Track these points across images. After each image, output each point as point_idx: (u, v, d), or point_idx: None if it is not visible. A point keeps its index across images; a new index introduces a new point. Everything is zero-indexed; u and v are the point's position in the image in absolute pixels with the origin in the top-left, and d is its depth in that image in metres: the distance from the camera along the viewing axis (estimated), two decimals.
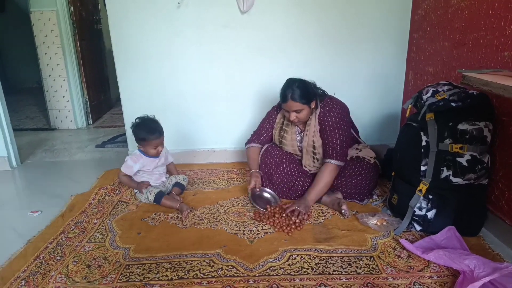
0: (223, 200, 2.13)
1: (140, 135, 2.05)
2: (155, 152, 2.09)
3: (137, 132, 2.06)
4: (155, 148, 2.07)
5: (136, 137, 2.08)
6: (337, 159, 1.94)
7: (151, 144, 2.05)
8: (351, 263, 1.53)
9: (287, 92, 1.91)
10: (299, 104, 1.91)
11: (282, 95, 1.94)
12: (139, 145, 2.10)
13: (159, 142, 2.08)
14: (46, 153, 3.12)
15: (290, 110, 1.94)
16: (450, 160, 1.62)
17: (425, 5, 2.31)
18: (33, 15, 3.58)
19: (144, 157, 2.11)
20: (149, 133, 2.03)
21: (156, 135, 2.05)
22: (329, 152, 1.95)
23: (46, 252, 1.66)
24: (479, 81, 1.23)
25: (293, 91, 1.89)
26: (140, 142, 2.08)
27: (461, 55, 1.96)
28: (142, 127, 2.05)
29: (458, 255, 1.46)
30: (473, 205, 1.69)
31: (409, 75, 2.58)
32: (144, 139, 2.04)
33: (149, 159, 2.12)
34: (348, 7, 2.46)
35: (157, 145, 2.07)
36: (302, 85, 1.92)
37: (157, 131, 2.05)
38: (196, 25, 2.47)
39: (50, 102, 3.83)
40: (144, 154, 2.12)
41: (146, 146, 2.07)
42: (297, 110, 1.93)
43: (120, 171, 2.11)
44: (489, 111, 1.65)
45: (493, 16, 1.70)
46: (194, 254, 1.61)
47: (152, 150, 2.07)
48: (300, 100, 1.90)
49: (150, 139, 2.04)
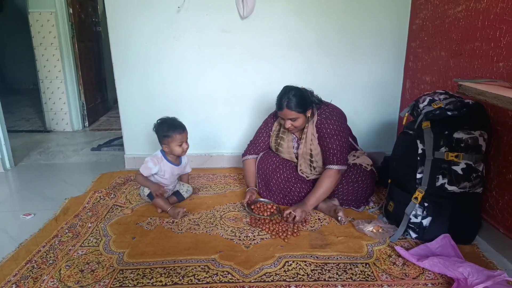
0: (220, 205, 2.12)
1: (164, 132, 2.00)
2: (180, 151, 2.02)
3: (160, 130, 2.02)
4: (180, 145, 2.01)
5: (160, 135, 2.03)
6: (338, 163, 1.94)
7: (175, 140, 1.99)
8: (346, 270, 1.53)
9: (283, 100, 1.91)
10: (294, 113, 1.91)
11: (278, 103, 1.95)
12: (163, 144, 2.03)
13: (183, 138, 2.02)
14: (41, 155, 3.10)
15: (286, 118, 1.95)
16: (446, 168, 1.63)
17: (423, 15, 2.34)
18: (31, 16, 3.57)
19: (164, 161, 2.06)
20: (173, 128, 1.99)
21: (180, 130, 2.00)
22: (329, 158, 1.96)
23: (39, 256, 1.64)
24: (474, 90, 1.24)
25: (289, 100, 1.90)
26: (164, 140, 2.01)
27: (458, 65, 1.98)
28: (165, 124, 2.02)
29: (452, 262, 1.46)
30: (467, 214, 1.70)
31: (407, 83, 2.61)
32: (168, 136, 1.99)
33: (168, 165, 2.07)
34: (347, 14, 2.48)
35: (181, 141, 2.01)
36: (298, 93, 1.92)
37: (180, 126, 2.02)
38: (196, 29, 2.48)
39: (46, 104, 3.81)
40: (165, 157, 2.06)
41: (170, 144, 2.00)
42: (293, 118, 1.93)
43: (138, 170, 2.04)
44: (484, 120, 1.66)
45: (489, 27, 1.72)
46: (189, 260, 1.60)
47: (177, 147, 2.01)
48: (295, 108, 1.90)
49: (174, 133, 1.98)
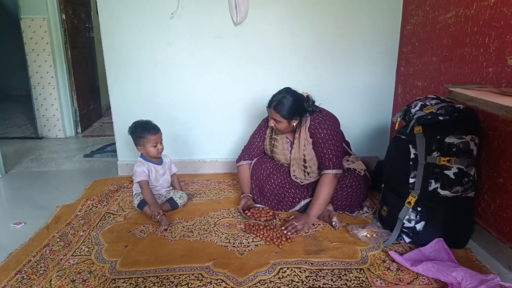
0: (214, 211, 2.11)
1: (137, 134, 2.06)
2: (156, 152, 2.07)
3: (134, 132, 2.08)
4: (155, 145, 2.07)
5: (135, 138, 2.08)
6: (335, 168, 1.94)
7: (150, 141, 2.05)
8: (341, 276, 1.53)
9: (274, 99, 1.95)
10: (278, 116, 1.94)
11: (270, 100, 1.99)
12: (139, 146, 2.08)
13: (158, 139, 2.08)
14: (33, 163, 3.06)
15: (270, 117, 1.99)
16: (438, 173, 1.64)
17: (414, 21, 2.36)
18: (24, 22, 3.55)
19: (146, 163, 2.10)
20: (146, 130, 2.05)
21: (153, 131, 2.06)
22: (325, 163, 1.96)
23: (29, 266, 1.61)
24: (465, 96, 1.25)
25: (279, 102, 1.92)
26: (139, 142, 2.06)
27: (449, 70, 2.00)
28: (138, 126, 2.08)
29: (446, 267, 1.47)
30: (460, 218, 1.71)
31: (399, 88, 2.63)
32: (143, 137, 2.04)
33: (151, 165, 2.11)
34: (340, 20, 2.51)
35: (156, 142, 2.07)
36: (292, 100, 1.92)
37: (153, 128, 2.08)
38: (189, 35, 2.48)
39: (39, 110, 3.78)
40: (146, 159, 2.11)
41: (146, 145, 2.05)
42: (276, 120, 1.96)
43: (136, 184, 2.08)
44: (475, 125, 1.68)
45: (478, 33, 1.74)
46: (183, 268, 1.59)
47: (152, 148, 2.06)
48: (280, 112, 1.93)
49: (148, 134, 2.04)
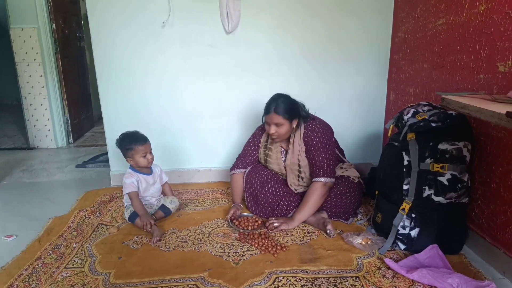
0: (208, 221, 2.10)
1: (125, 145, 2.05)
2: (146, 162, 2.06)
3: (122, 144, 2.06)
4: (144, 156, 2.05)
5: (123, 150, 2.07)
6: (325, 176, 1.95)
7: (138, 152, 2.03)
8: (336, 284, 1.52)
9: (272, 104, 1.95)
10: (281, 118, 1.93)
11: (266, 107, 1.98)
12: (128, 158, 2.07)
13: (147, 149, 2.06)
14: (24, 174, 3.02)
15: (271, 123, 1.96)
16: (432, 179, 1.65)
17: (405, 28, 2.39)
18: (13, 31, 3.52)
19: (136, 174, 2.08)
20: (133, 141, 2.04)
21: (141, 142, 2.05)
22: (316, 171, 1.97)
23: (21, 279, 1.57)
24: (457, 104, 1.27)
25: (278, 105, 1.93)
26: (128, 154, 2.05)
27: (440, 77, 2.02)
28: (126, 138, 2.07)
29: (441, 274, 1.47)
30: (454, 224, 1.71)
31: (391, 95, 2.65)
32: (131, 148, 2.03)
33: (141, 176, 2.10)
34: (331, 28, 2.53)
35: (145, 153, 2.05)
36: (288, 101, 1.96)
37: (141, 138, 2.06)
38: (181, 44, 2.48)
39: (29, 120, 3.74)
40: (135, 170, 2.09)
41: (134, 156, 2.04)
42: (278, 123, 1.95)
43: (126, 196, 2.06)
44: (468, 131, 1.69)
45: (469, 40, 1.77)
46: (177, 279, 1.57)
47: (142, 159, 2.05)
48: (282, 114, 1.92)
49: (136, 145, 2.03)
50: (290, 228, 1.94)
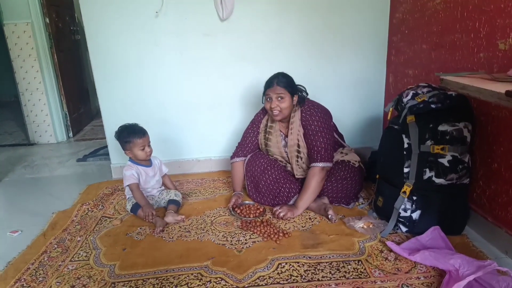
0: (210, 210, 2.11)
1: (124, 138, 2.04)
2: (144, 154, 2.06)
3: (120, 137, 2.06)
4: (143, 149, 2.05)
5: (122, 143, 2.06)
6: (322, 161, 1.95)
7: (137, 145, 2.03)
8: (339, 268, 1.53)
9: (274, 79, 1.99)
10: (283, 90, 1.96)
11: (268, 82, 2.01)
12: (127, 151, 2.07)
13: (145, 142, 2.06)
14: (26, 169, 3.03)
15: (274, 94, 1.97)
16: (432, 161, 1.64)
17: (403, 9, 2.35)
18: (7, 27, 3.48)
19: (135, 166, 2.09)
20: (132, 133, 2.03)
21: (139, 135, 2.04)
22: (313, 156, 1.97)
23: (28, 273, 1.60)
24: (456, 84, 1.25)
25: (279, 79, 1.98)
26: (126, 147, 2.05)
27: (439, 57, 2.00)
28: (124, 131, 2.06)
29: (443, 255, 1.47)
30: (456, 205, 1.71)
31: (390, 78, 2.62)
32: (129, 141, 2.03)
33: (141, 168, 2.10)
34: (328, 12, 2.48)
35: (143, 145, 2.05)
36: (289, 77, 2.03)
37: (139, 131, 2.06)
38: (176, 33, 2.45)
39: (28, 116, 3.73)
40: (134, 162, 2.09)
41: (133, 149, 2.04)
42: (280, 95, 1.96)
43: (127, 188, 2.07)
44: (468, 112, 1.68)
45: (468, 18, 1.74)
46: (182, 268, 1.58)
47: (140, 152, 2.04)
48: (285, 86, 1.97)
49: (135, 138, 2.02)
50: (295, 216, 1.95)
